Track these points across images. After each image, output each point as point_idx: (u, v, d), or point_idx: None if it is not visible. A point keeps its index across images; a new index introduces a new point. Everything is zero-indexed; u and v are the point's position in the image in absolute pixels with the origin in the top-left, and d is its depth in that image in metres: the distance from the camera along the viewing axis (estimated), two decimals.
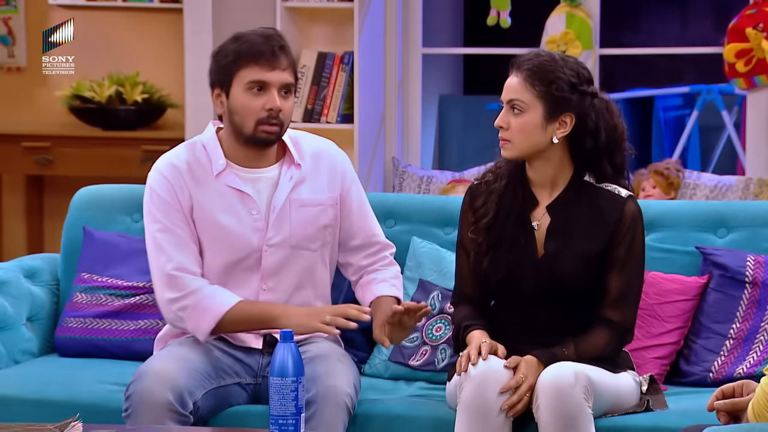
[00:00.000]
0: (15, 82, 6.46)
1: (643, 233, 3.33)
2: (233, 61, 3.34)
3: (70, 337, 3.84)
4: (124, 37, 6.36)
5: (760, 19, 5.49)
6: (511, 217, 3.32)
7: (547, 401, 3.08)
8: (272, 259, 3.40)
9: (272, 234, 3.40)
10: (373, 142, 5.78)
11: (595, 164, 3.32)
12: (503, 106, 3.28)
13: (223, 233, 3.38)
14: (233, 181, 3.40)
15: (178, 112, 6.17)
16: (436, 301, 3.69)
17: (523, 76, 3.25)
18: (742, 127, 6.44)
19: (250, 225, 3.40)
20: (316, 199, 3.45)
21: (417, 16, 5.93)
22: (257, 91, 3.34)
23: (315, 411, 3.19)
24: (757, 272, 3.61)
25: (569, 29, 5.64)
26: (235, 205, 3.39)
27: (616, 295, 3.29)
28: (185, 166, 3.41)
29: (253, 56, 3.33)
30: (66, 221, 4.01)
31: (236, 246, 3.39)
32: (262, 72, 3.33)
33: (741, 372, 3.54)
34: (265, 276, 3.41)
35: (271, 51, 3.34)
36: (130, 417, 3.20)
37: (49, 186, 6.44)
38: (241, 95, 3.34)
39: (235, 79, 3.34)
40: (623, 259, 3.29)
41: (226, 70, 3.35)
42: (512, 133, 3.25)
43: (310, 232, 3.43)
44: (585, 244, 3.29)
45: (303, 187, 3.44)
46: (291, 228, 3.41)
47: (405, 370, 3.67)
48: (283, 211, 3.40)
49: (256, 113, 3.34)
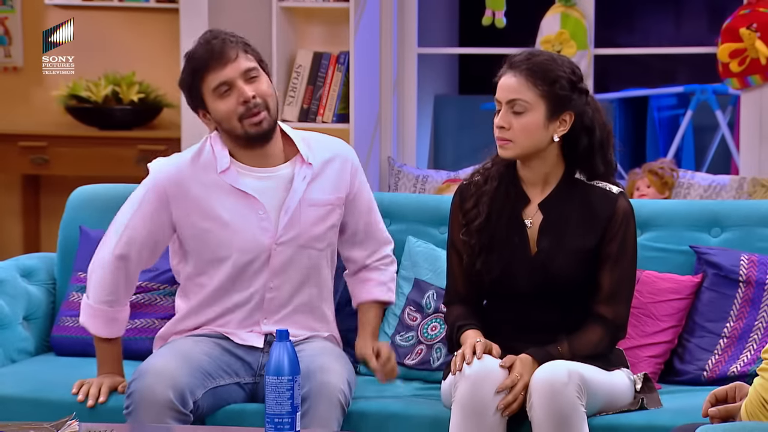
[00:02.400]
0: (11, 81, 6.45)
1: (635, 229, 3.34)
2: (193, 81, 3.40)
3: (66, 336, 3.85)
4: (121, 37, 6.36)
5: (753, 19, 5.50)
6: (503, 217, 3.32)
7: (541, 400, 3.09)
8: (281, 257, 3.42)
9: (283, 232, 3.42)
10: (368, 141, 5.79)
11: (589, 162, 3.33)
12: (500, 106, 3.29)
13: (229, 232, 3.40)
14: (236, 180, 3.42)
15: (174, 112, 6.17)
16: (431, 300, 3.70)
17: (524, 75, 3.25)
18: (735, 127, 6.45)
19: (257, 224, 3.41)
20: (326, 200, 3.48)
21: (412, 16, 5.93)
22: (225, 92, 3.38)
23: (309, 407, 3.20)
24: (750, 271, 3.62)
25: (564, 29, 5.64)
26: (239, 205, 3.41)
27: (609, 291, 3.30)
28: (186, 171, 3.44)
29: (203, 66, 3.38)
30: (62, 221, 4.01)
31: (244, 246, 3.40)
32: (218, 73, 3.37)
33: (735, 371, 3.55)
34: (272, 274, 3.43)
35: (213, 52, 3.38)
36: (130, 415, 3.21)
37: (45, 185, 6.44)
38: (216, 104, 3.39)
39: (204, 95, 3.40)
40: (615, 256, 3.30)
41: (194, 91, 3.41)
42: (514, 133, 3.26)
43: (319, 232, 3.46)
44: (578, 240, 3.30)
45: (314, 186, 3.46)
46: (301, 227, 3.43)
47: (400, 369, 3.66)
48: (295, 211, 3.43)
49: (234, 112, 3.38)
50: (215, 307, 3.45)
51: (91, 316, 3.49)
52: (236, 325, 3.45)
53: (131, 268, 3.47)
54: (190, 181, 3.43)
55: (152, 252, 3.48)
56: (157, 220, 3.44)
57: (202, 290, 3.46)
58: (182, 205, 3.43)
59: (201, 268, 3.46)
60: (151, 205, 3.44)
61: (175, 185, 3.43)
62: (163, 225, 3.44)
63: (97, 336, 3.50)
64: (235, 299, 3.44)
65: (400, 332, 3.71)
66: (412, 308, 3.72)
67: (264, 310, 3.44)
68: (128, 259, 3.45)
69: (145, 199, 3.45)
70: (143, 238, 3.44)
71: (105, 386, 3.42)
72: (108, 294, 3.47)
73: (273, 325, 3.43)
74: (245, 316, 3.44)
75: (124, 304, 3.50)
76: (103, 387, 3.42)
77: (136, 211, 3.45)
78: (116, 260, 3.44)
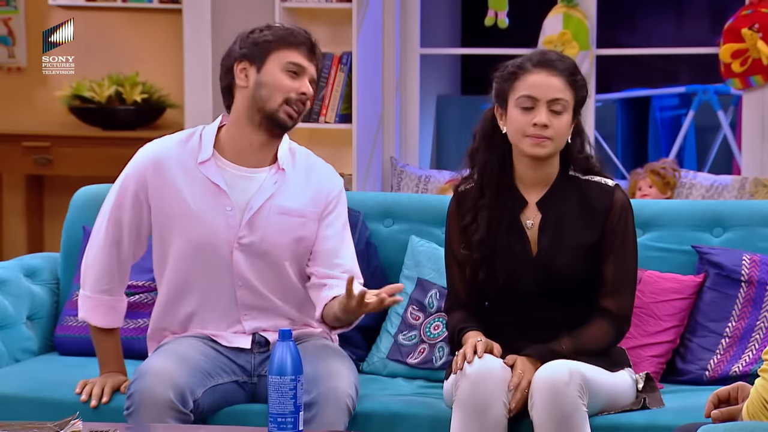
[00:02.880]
0: (15, 82, 6.46)
1: (633, 221, 3.35)
2: (273, 41, 3.38)
3: (70, 336, 3.86)
4: (124, 38, 6.36)
5: (755, 19, 5.51)
6: (503, 225, 3.32)
7: (542, 400, 3.09)
8: (242, 261, 3.39)
9: (244, 233, 3.39)
10: (371, 141, 5.80)
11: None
12: (533, 103, 3.26)
13: (192, 219, 3.38)
14: (213, 174, 3.40)
15: (178, 112, 6.18)
16: (434, 300, 3.71)
17: (564, 76, 3.26)
18: (737, 127, 6.47)
19: (224, 220, 3.38)
20: (298, 210, 3.43)
21: (415, 17, 5.94)
22: (293, 73, 3.38)
23: (317, 413, 3.19)
24: (752, 271, 3.62)
25: (566, 30, 5.65)
26: (209, 197, 3.39)
27: (612, 283, 3.30)
28: (170, 153, 3.42)
29: (294, 43, 3.39)
30: (66, 220, 4.02)
31: (204, 235, 3.38)
32: (302, 58, 3.39)
33: (737, 370, 3.56)
34: (237, 275, 3.41)
35: (310, 43, 3.41)
36: (131, 416, 3.20)
37: (49, 185, 6.45)
38: (276, 72, 3.37)
39: (272, 57, 3.38)
40: (618, 248, 3.31)
41: (263, 47, 3.38)
42: (554, 132, 3.26)
43: (284, 242, 3.41)
44: (578, 236, 3.30)
45: (287, 195, 3.42)
46: (264, 232, 3.40)
47: (403, 368, 3.69)
48: (260, 214, 3.40)
49: (287, 92, 3.37)
50: (186, 302, 3.43)
51: (90, 308, 3.48)
52: (218, 322, 3.42)
53: (123, 254, 3.45)
54: (171, 162, 3.41)
55: (138, 235, 3.45)
56: (138, 200, 3.42)
57: (168, 282, 3.44)
58: (157, 186, 3.41)
59: (164, 257, 3.44)
60: (131, 186, 3.43)
61: (154, 166, 3.41)
62: (142, 205, 3.43)
63: (99, 328, 3.49)
64: (204, 294, 3.41)
65: (402, 331, 3.72)
66: (415, 307, 3.73)
67: (240, 306, 3.42)
68: (119, 243, 3.44)
69: (126, 180, 3.44)
70: (129, 219, 3.43)
71: (108, 386, 3.42)
72: (105, 282, 3.46)
73: (255, 321, 3.42)
74: (223, 314, 3.42)
75: (120, 294, 3.50)
76: (106, 387, 3.42)
77: (119, 192, 3.44)
78: (108, 246, 3.44)
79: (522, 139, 3.27)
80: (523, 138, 3.27)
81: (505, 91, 3.31)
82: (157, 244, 3.45)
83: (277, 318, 3.44)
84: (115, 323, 3.50)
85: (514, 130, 3.28)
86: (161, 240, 3.44)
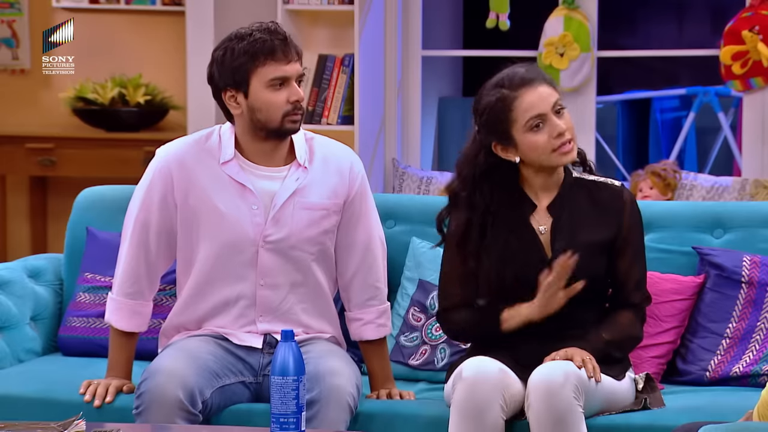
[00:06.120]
0: (19, 84, 6.47)
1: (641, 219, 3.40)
2: (247, 62, 3.34)
3: (73, 337, 3.86)
4: (127, 40, 6.38)
5: (756, 21, 5.52)
6: (516, 232, 3.32)
7: (538, 400, 3.09)
8: (268, 258, 3.40)
9: (270, 231, 3.41)
10: (373, 143, 5.80)
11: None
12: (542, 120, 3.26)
13: (220, 219, 3.38)
14: (237, 173, 3.41)
15: (181, 114, 6.19)
16: (435, 301, 3.71)
17: (545, 81, 3.28)
18: (738, 129, 6.47)
19: (249, 219, 3.39)
20: (321, 204, 3.44)
21: (416, 19, 5.95)
22: (279, 86, 3.35)
23: (318, 410, 3.20)
24: (753, 272, 3.63)
25: (567, 31, 5.66)
26: (234, 196, 3.40)
27: (638, 278, 3.34)
28: (190, 152, 3.42)
29: (268, 53, 3.33)
30: (69, 222, 4.03)
31: (232, 235, 3.38)
32: (281, 67, 3.35)
33: (737, 371, 3.57)
34: (262, 273, 3.42)
35: (282, 45, 3.35)
36: (140, 415, 3.21)
37: (52, 187, 6.46)
38: (263, 93, 3.35)
39: (253, 79, 3.34)
40: (635, 243, 3.34)
41: (241, 70, 3.34)
42: (570, 132, 3.28)
43: (310, 235, 3.43)
44: (591, 235, 3.31)
45: (309, 189, 3.43)
46: (291, 228, 3.42)
47: (405, 369, 3.69)
48: (284, 211, 3.41)
49: (281, 107, 3.35)
50: (207, 300, 3.43)
51: (114, 310, 3.48)
52: (232, 323, 3.43)
53: (151, 258, 3.45)
54: (193, 163, 3.41)
55: (168, 237, 3.44)
56: (166, 203, 3.42)
57: (192, 281, 3.44)
58: (183, 186, 3.41)
59: (189, 256, 3.44)
60: (158, 188, 3.42)
61: (179, 165, 3.41)
62: (169, 206, 3.42)
63: (119, 330, 3.47)
64: (225, 294, 3.42)
65: (404, 333, 3.73)
66: (417, 309, 3.74)
67: (258, 307, 3.43)
68: (147, 247, 3.43)
69: (152, 183, 3.43)
70: (157, 221, 3.42)
71: (112, 386, 3.42)
72: (129, 285, 3.46)
73: (269, 324, 3.43)
74: (239, 314, 3.42)
75: (146, 299, 3.48)
76: (111, 387, 3.42)
77: (145, 195, 3.43)
78: (133, 249, 3.44)
79: (550, 155, 3.26)
80: (551, 154, 3.26)
81: (503, 124, 3.27)
82: (184, 243, 3.44)
83: (292, 324, 3.43)
84: (136, 327, 3.48)
85: (540, 151, 3.25)
86: (188, 240, 3.43)
